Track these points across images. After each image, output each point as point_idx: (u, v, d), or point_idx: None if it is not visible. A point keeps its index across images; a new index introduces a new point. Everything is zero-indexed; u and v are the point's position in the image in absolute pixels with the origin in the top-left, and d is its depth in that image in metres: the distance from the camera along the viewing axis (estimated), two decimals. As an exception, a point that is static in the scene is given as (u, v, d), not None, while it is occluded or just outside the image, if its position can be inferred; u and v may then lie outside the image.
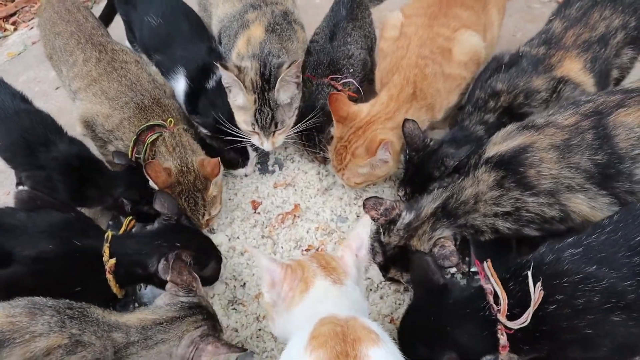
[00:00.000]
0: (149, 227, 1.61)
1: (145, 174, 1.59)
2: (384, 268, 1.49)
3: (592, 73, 1.61)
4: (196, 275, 1.35)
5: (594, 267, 1.07)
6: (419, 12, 1.90)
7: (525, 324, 1.08)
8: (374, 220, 1.46)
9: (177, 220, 1.54)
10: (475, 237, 1.46)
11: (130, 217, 1.66)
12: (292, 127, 1.80)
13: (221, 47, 2.01)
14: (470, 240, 1.56)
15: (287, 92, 1.70)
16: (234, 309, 1.57)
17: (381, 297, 1.58)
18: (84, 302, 1.20)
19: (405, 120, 1.66)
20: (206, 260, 1.51)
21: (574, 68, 1.61)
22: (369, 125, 1.71)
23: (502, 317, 1.10)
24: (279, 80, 1.62)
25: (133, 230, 1.67)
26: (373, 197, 1.51)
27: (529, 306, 1.07)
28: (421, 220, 1.40)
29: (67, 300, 1.19)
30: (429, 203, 1.43)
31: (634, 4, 1.63)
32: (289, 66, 1.62)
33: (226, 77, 1.66)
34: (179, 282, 1.30)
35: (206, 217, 1.72)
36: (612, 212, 1.26)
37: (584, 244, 1.12)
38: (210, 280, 1.56)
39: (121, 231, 1.61)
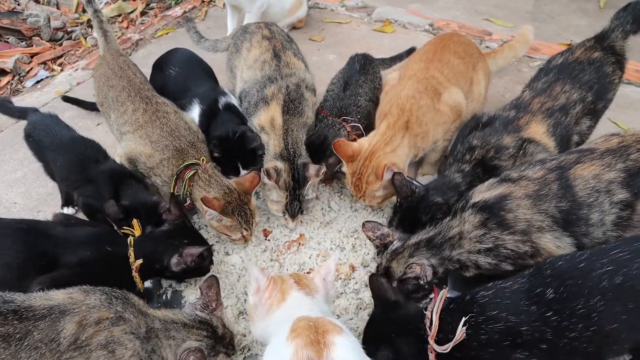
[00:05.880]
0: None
1: (203, 207, 1.90)
2: None
3: (554, 137, 1.88)
4: (221, 301, 1.57)
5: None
6: (409, 73, 2.23)
7: (447, 350, 1.31)
8: (370, 240, 1.75)
9: (183, 222, 1.85)
10: (458, 272, 1.65)
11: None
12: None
13: (241, 106, 2.40)
14: (451, 274, 1.73)
15: (313, 190, 2.11)
16: (244, 318, 1.81)
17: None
18: (124, 290, 1.44)
19: (395, 173, 1.91)
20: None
21: (539, 131, 1.88)
22: (373, 155, 2.00)
23: (431, 340, 1.35)
24: (309, 184, 2.03)
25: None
26: (373, 221, 1.79)
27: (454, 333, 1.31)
28: (404, 248, 1.64)
29: (112, 288, 1.43)
30: (417, 236, 1.66)
31: (590, 82, 1.93)
32: (317, 171, 2.03)
33: (268, 184, 2.02)
34: (204, 291, 1.53)
35: (254, 225, 2.04)
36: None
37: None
38: (203, 270, 1.83)
39: (136, 233, 1.84)
